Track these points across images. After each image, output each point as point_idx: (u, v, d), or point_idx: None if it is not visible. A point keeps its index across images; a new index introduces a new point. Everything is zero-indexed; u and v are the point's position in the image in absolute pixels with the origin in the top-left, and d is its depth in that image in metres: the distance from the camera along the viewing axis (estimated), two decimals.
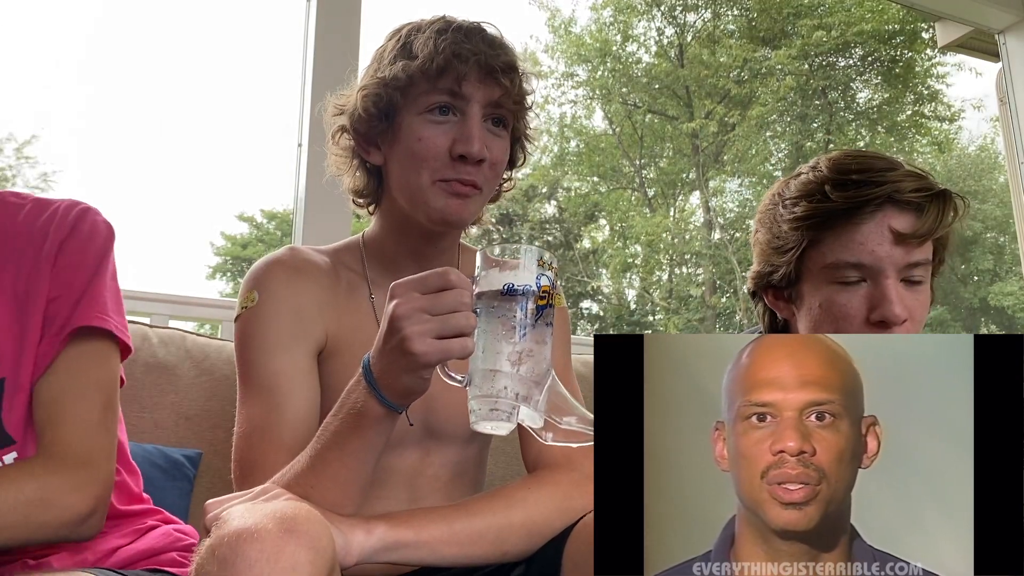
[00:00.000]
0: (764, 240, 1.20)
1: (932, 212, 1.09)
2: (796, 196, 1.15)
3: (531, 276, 0.85)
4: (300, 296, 1.12)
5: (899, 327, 1.09)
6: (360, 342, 1.14)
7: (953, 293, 15.02)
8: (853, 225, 1.09)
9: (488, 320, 0.85)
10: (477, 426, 0.85)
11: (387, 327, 0.86)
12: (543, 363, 0.87)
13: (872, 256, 1.09)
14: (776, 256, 1.17)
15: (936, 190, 1.11)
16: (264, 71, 21.00)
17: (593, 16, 15.30)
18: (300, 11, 2.14)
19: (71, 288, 1.01)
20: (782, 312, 1.22)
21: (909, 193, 1.09)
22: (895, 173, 1.10)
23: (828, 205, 1.10)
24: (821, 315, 1.14)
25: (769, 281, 1.20)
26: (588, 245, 15.80)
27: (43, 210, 1.06)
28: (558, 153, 15.42)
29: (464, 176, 1.09)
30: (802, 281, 1.16)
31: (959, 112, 15.00)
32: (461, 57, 1.07)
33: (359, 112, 1.14)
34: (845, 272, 1.11)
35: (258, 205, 17.37)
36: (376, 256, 1.22)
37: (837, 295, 1.12)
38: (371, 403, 0.90)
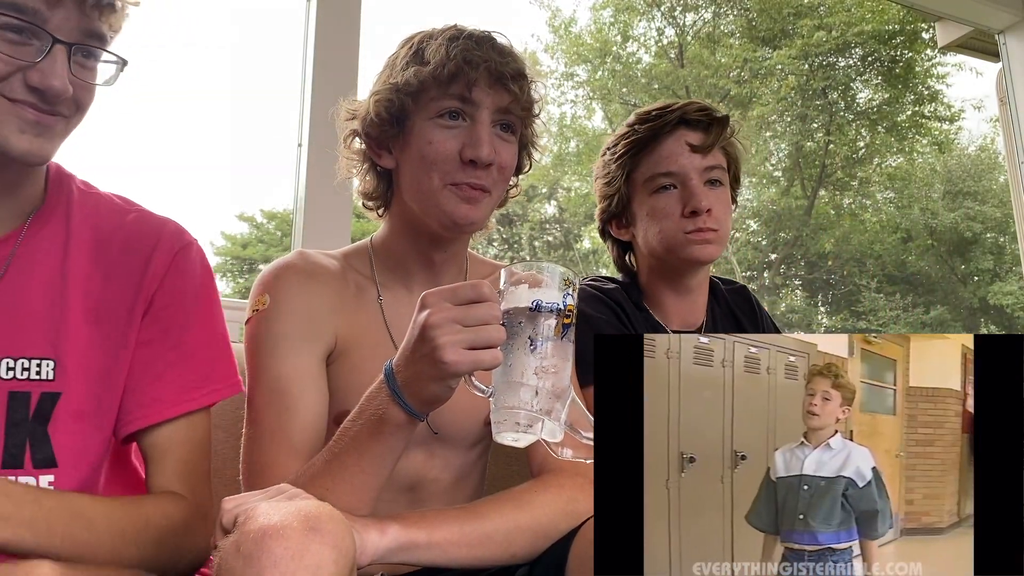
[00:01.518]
0: (600, 185, 1.53)
1: (716, 128, 1.45)
2: (614, 141, 1.50)
3: (558, 295, 0.88)
4: (311, 299, 1.14)
5: (707, 215, 1.40)
6: (368, 344, 1.16)
7: (953, 293, 15.01)
8: (658, 145, 1.43)
9: (515, 335, 0.87)
10: (499, 437, 0.87)
11: (418, 335, 0.88)
12: (565, 379, 0.89)
13: (677, 164, 1.43)
14: (609, 189, 1.50)
15: (718, 114, 1.46)
16: (264, 71, 20.99)
17: (593, 16, 15.29)
18: (300, 11, 2.14)
19: (175, 347, 1.02)
20: (624, 236, 1.54)
21: (695, 114, 1.44)
22: (683, 102, 1.46)
23: (637, 136, 1.45)
24: (649, 221, 1.45)
25: (610, 213, 1.52)
26: (588, 245, 15.77)
27: (146, 227, 1.06)
28: (558, 153, 15.40)
29: (474, 180, 1.11)
30: (631, 201, 1.48)
31: (959, 112, 14.97)
32: (472, 63, 1.10)
33: (371, 117, 1.16)
34: (659, 180, 1.44)
35: (258, 205, 17.34)
36: (385, 260, 1.23)
37: (657, 201, 1.44)
38: (393, 410, 0.91)
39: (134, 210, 1.07)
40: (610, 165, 1.50)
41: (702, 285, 1.54)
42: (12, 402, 0.94)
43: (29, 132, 0.90)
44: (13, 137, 0.89)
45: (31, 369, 0.95)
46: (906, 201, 15.29)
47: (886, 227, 15.07)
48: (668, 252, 1.44)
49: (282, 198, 14.80)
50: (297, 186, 2.07)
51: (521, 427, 0.86)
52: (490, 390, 0.88)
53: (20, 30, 0.88)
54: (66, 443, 0.96)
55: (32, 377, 0.95)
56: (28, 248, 0.99)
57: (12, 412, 0.94)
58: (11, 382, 0.94)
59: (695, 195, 1.41)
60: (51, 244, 1.00)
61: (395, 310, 1.20)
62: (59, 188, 1.04)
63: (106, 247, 1.02)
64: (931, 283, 15.09)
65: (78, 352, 0.97)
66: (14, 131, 0.89)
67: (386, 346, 1.17)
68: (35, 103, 0.89)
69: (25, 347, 0.96)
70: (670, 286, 1.50)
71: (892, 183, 15.46)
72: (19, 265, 0.98)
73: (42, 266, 0.99)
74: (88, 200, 1.05)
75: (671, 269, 1.48)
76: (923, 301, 14.57)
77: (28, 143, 0.90)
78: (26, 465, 0.94)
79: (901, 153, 15.30)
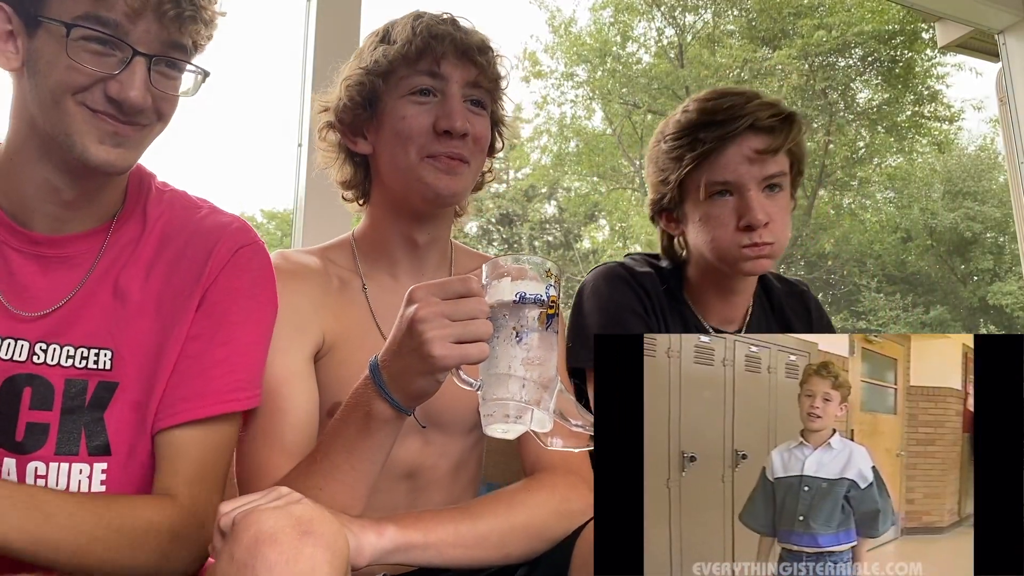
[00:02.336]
0: (652, 174, 1.45)
1: (782, 132, 1.33)
2: (673, 136, 1.40)
3: (541, 286, 0.89)
4: (295, 299, 1.14)
5: (764, 229, 1.33)
6: (357, 336, 1.18)
7: (953, 293, 15.01)
8: (719, 152, 1.33)
9: (500, 327, 0.88)
10: (488, 430, 0.88)
11: (406, 329, 0.89)
12: (551, 369, 0.90)
13: (735, 174, 1.34)
14: (662, 185, 1.42)
15: (785, 113, 1.35)
16: (264, 71, 21.00)
17: (593, 16, 15.29)
18: (300, 11, 2.14)
19: (224, 343, 1.01)
20: (673, 231, 1.47)
21: (766, 120, 1.33)
22: (752, 105, 1.33)
23: (698, 141, 1.34)
24: (701, 226, 1.38)
25: (661, 206, 1.45)
26: (588, 245, 15.76)
27: (212, 223, 1.07)
28: (558, 153, 15.39)
29: (452, 151, 1.13)
30: (685, 202, 1.41)
31: (959, 112, 14.97)
32: (438, 38, 1.13)
33: (344, 102, 1.19)
34: (715, 188, 1.35)
35: (258, 205, 17.35)
36: (368, 251, 1.25)
37: (711, 208, 1.36)
38: (380, 405, 0.92)
39: (206, 207, 1.09)
40: (664, 158, 1.41)
41: (748, 289, 1.50)
42: (68, 389, 0.96)
43: (108, 143, 0.92)
44: (92, 147, 0.91)
45: (89, 358, 0.97)
46: (906, 201, 15.28)
47: (886, 227, 15.07)
48: (720, 261, 1.39)
49: (282, 198, 14.81)
50: (297, 186, 2.07)
51: (510, 418, 0.87)
52: (477, 383, 0.89)
53: (103, 42, 0.90)
54: (121, 432, 0.97)
55: (90, 366, 0.97)
56: (113, 242, 1.02)
57: (68, 399, 0.96)
58: (69, 370, 0.96)
59: (752, 208, 1.32)
60: (128, 239, 1.03)
61: (381, 300, 1.21)
62: (139, 189, 1.07)
63: (173, 241, 1.04)
64: (931, 283, 15.09)
65: (135, 343, 0.99)
66: (94, 141, 0.91)
67: (374, 336, 1.18)
68: (114, 114, 0.91)
69: (87, 337, 0.98)
70: (715, 286, 1.46)
71: (892, 183, 15.46)
72: (104, 259, 1.01)
73: (116, 260, 1.01)
74: (163, 198, 1.08)
75: (720, 273, 1.44)
76: (923, 301, 14.57)
77: (107, 153, 0.92)
78: (81, 452, 0.95)
79: (901, 153, 15.29)
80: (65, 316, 0.98)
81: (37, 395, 0.95)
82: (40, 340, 0.96)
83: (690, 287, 1.49)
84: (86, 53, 0.90)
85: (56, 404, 0.95)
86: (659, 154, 1.43)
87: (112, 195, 1.03)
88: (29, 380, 0.95)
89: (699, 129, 1.35)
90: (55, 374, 0.96)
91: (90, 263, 1.00)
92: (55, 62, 0.90)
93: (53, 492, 0.93)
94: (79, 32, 0.89)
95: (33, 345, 0.96)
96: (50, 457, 0.95)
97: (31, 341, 0.96)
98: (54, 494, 0.91)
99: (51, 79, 0.90)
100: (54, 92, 0.91)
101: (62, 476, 0.95)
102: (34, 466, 0.94)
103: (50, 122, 0.92)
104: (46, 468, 0.94)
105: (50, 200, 0.98)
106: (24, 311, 0.97)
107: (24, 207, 0.99)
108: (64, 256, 1.00)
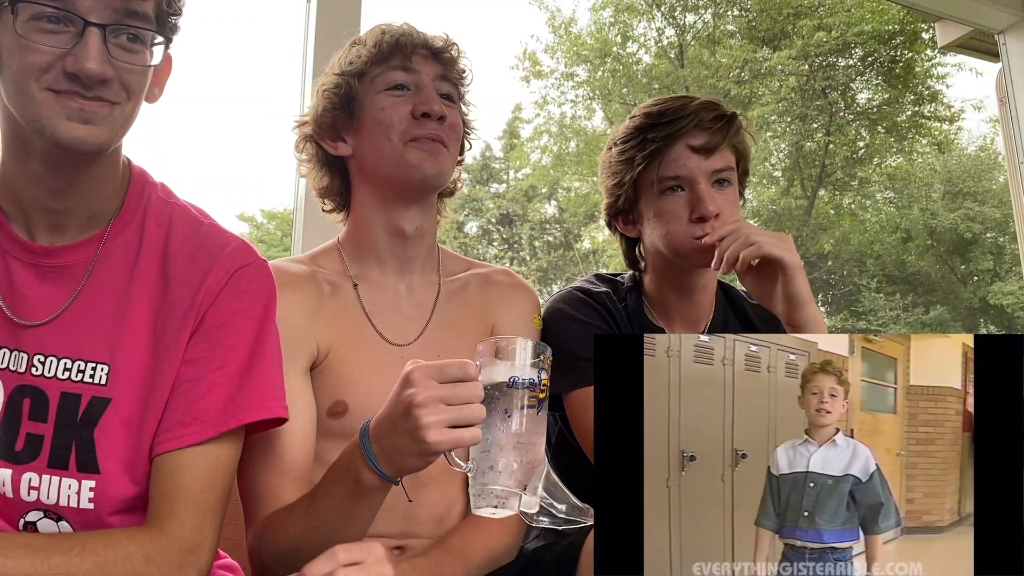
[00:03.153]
0: (605, 178, 1.51)
1: (723, 130, 1.40)
2: (623, 139, 1.47)
3: (533, 370, 0.90)
4: (289, 311, 1.15)
5: (714, 220, 1.38)
6: (352, 336, 1.20)
7: (953, 293, 15.00)
8: (668, 148, 1.40)
9: (491, 409, 0.89)
10: (478, 511, 0.90)
11: (402, 411, 0.89)
12: (539, 451, 0.91)
13: (684, 168, 1.39)
14: (617, 188, 1.48)
15: (727, 113, 1.42)
16: (264, 71, 20.99)
17: (593, 16, 15.29)
18: (300, 11, 2.14)
19: (220, 367, 0.98)
20: (631, 232, 1.52)
21: (708, 122, 1.40)
22: (694, 105, 1.41)
23: (645, 142, 1.42)
24: (656, 222, 1.43)
25: (616, 208, 1.50)
26: (588, 245, 15.76)
27: (211, 242, 1.03)
28: (558, 153, 15.40)
29: (432, 132, 1.19)
30: (638, 201, 1.46)
31: (959, 113, 14.97)
32: (406, 35, 1.22)
33: (322, 106, 1.24)
34: (667, 184, 1.41)
35: (258, 205, 17.35)
36: (354, 252, 1.28)
37: (664, 204, 1.42)
38: (368, 475, 0.94)
39: (207, 223, 1.06)
40: (616, 163, 1.48)
41: (708, 286, 1.52)
42: (63, 403, 0.95)
43: (76, 119, 0.90)
44: (61, 126, 0.89)
45: (86, 372, 0.96)
46: (906, 201, 15.28)
47: (886, 227, 15.07)
48: (675, 255, 1.43)
49: (282, 198, 14.81)
50: (297, 186, 2.07)
51: (498, 500, 0.88)
52: (468, 466, 0.90)
53: (54, 20, 0.89)
54: (111, 450, 0.95)
55: (85, 380, 0.95)
56: (107, 252, 1.00)
57: (62, 413, 0.94)
58: (65, 383, 0.95)
59: (703, 200, 1.38)
60: (125, 251, 1.01)
61: (372, 297, 1.24)
62: (139, 194, 1.04)
63: (173, 258, 1.01)
64: (931, 283, 15.09)
65: (133, 360, 0.97)
66: (62, 119, 0.89)
67: (369, 333, 1.21)
68: (79, 91, 0.89)
69: (84, 350, 0.96)
70: (674, 285, 1.49)
71: (892, 183, 15.46)
72: (98, 270, 0.99)
73: (114, 272, 1.00)
74: (165, 209, 1.05)
75: (677, 269, 1.47)
76: (923, 301, 14.57)
77: (75, 130, 0.90)
78: (71, 467, 0.94)
79: (901, 153, 15.29)
80: (62, 328, 0.96)
81: (35, 407, 0.95)
82: (38, 352, 0.96)
83: (649, 296, 1.52)
84: (38, 33, 0.89)
85: (51, 417, 0.94)
86: (610, 160, 1.50)
87: (103, 190, 1.01)
88: (28, 391, 0.95)
89: (647, 131, 1.42)
90: (52, 386, 0.95)
91: (84, 274, 0.99)
92: (13, 49, 0.89)
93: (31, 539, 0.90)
94: (28, 11, 0.88)
95: (32, 357, 0.96)
96: (43, 469, 0.94)
97: (30, 353, 0.96)
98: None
99: (13, 67, 0.90)
100: (18, 81, 0.89)
101: (52, 489, 0.94)
102: (28, 477, 0.93)
103: (22, 112, 0.91)
104: (39, 480, 0.94)
105: (40, 194, 0.96)
106: (25, 320, 0.96)
107: (23, 212, 0.98)
108: (60, 266, 0.98)
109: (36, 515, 0.95)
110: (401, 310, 1.25)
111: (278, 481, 1.08)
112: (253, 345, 1.01)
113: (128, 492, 0.96)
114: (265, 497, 1.08)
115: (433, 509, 1.20)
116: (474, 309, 1.30)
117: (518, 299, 1.35)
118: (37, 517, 0.95)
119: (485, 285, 1.33)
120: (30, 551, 0.85)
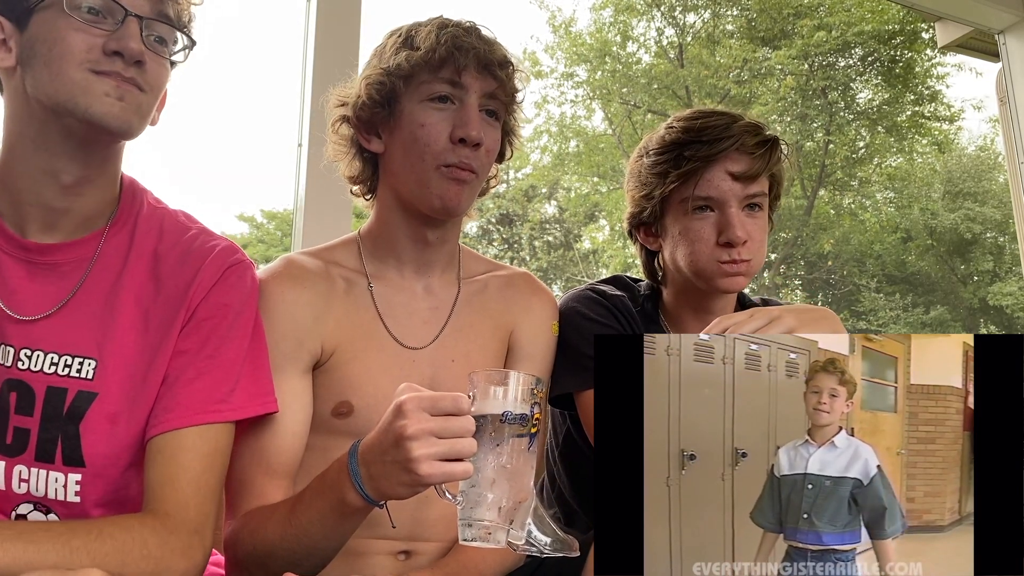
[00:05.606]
0: (633, 187, 1.45)
1: (765, 155, 1.35)
2: (657, 151, 1.40)
3: (526, 405, 0.90)
4: (296, 309, 1.15)
5: (742, 247, 1.34)
6: (363, 335, 1.19)
7: (953, 293, 15.01)
8: (704, 170, 1.34)
9: (482, 443, 0.89)
10: (464, 542, 0.90)
11: (392, 442, 0.89)
12: (528, 485, 0.91)
13: (718, 191, 1.34)
14: (645, 200, 1.41)
15: (769, 138, 1.36)
16: (264, 71, 21.00)
17: (593, 16, 15.29)
18: (300, 11, 2.14)
19: (215, 361, 1.02)
20: (651, 245, 1.46)
21: (751, 147, 1.34)
22: (737, 126, 1.35)
23: (683, 164, 1.35)
24: (680, 240, 1.38)
25: (640, 220, 1.45)
26: (588, 245, 15.78)
27: (201, 244, 1.08)
28: (558, 153, 15.39)
29: (463, 160, 1.15)
30: (665, 216, 1.41)
31: (959, 112, 14.97)
32: (462, 49, 1.15)
33: (362, 99, 1.20)
34: (698, 204, 1.35)
35: (258, 205, 17.38)
36: (374, 248, 1.26)
37: (692, 223, 1.36)
38: (352, 495, 0.95)
39: (195, 227, 1.11)
40: (648, 174, 1.41)
41: (726, 309, 1.48)
42: (49, 396, 0.97)
43: (112, 95, 0.95)
44: (96, 101, 0.94)
45: (72, 366, 0.98)
46: (906, 201, 15.29)
47: (886, 227, 15.08)
48: (696, 276, 1.38)
49: (282, 198, 14.82)
50: (297, 186, 2.07)
51: (486, 533, 0.88)
52: (457, 499, 0.90)
53: (98, 11, 0.96)
54: (96, 444, 0.97)
55: (72, 374, 0.98)
56: (103, 252, 1.03)
57: (47, 406, 0.96)
58: (51, 377, 0.97)
59: (732, 225, 1.33)
60: (116, 252, 1.04)
61: (386, 298, 1.22)
62: (132, 199, 1.09)
63: (163, 260, 1.05)
64: (931, 283, 15.10)
65: (120, 356, 1.00)
66: (99, 95, 0.94)
67: (381, 334, 1.20)
68: (118, 71, 0.95)
69: (72, 345, 0.98)
70: (691, 305, 1.45)
71: (892, 183, 15.46)
72: (94, 269, 1.02)
73: (107, 271, 1.03)
74: (155, 215, 1.09)
75: (695, 290, 1.42)
76: (923, 301, 14.58)
77: (109, 106, 0.95)
78: (56, 461, 0.96)
79: (901, 153, 15.29)
80: (52, 324, 0.99)
81: (21, 400, 0.97)
82: (25, 347, 0.98)
83: (665, 308, 1.49)
84: (83, 22, 0.95)
85: (37, 411, 0.96)
86: (642, 168, 1.43)
87: (105, 193, 1.04)
88: (15, 385, 0.97)
89: (684, 147, 1.36)
90: (38, 380, 0.97)
91: (80, 272, 1.01)
92: (56, 36, 0.94)
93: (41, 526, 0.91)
94: (74, 2, 0.95)
95: (18, 351, 0.97)
96: (31, 463, 0.96)
97: (16, 347, 0.97)
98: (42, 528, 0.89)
99: (54, 52, 0.94)
100: (55, 65, 0.94)
101: (40, 482, 0.96)
102: (18, 469, 0.96)
103: (54, 93, 0.94)
104: (28, 472, 0.96)
105: (48, 191, 0.99)
106: (15, 314, 0.98)
107: (19, 210, 1.00)
108: (52, 263, 1.01)
109: (27, 507, 0.97)
110: (417, 312, 1.24)
111: (263, 479, 1.08)
112: (244, 339, 1.05)
113: (113, 485, 0.98)
114: (249, 492, 1.08)
115: (444, 510, 1.19)
116: (492, 313, 1.28)
117: (538, 306, 1.33)
118: (27, 510, 0.97)
119: (505, 289, 1.32)
120: (51, 535, 0.86)
